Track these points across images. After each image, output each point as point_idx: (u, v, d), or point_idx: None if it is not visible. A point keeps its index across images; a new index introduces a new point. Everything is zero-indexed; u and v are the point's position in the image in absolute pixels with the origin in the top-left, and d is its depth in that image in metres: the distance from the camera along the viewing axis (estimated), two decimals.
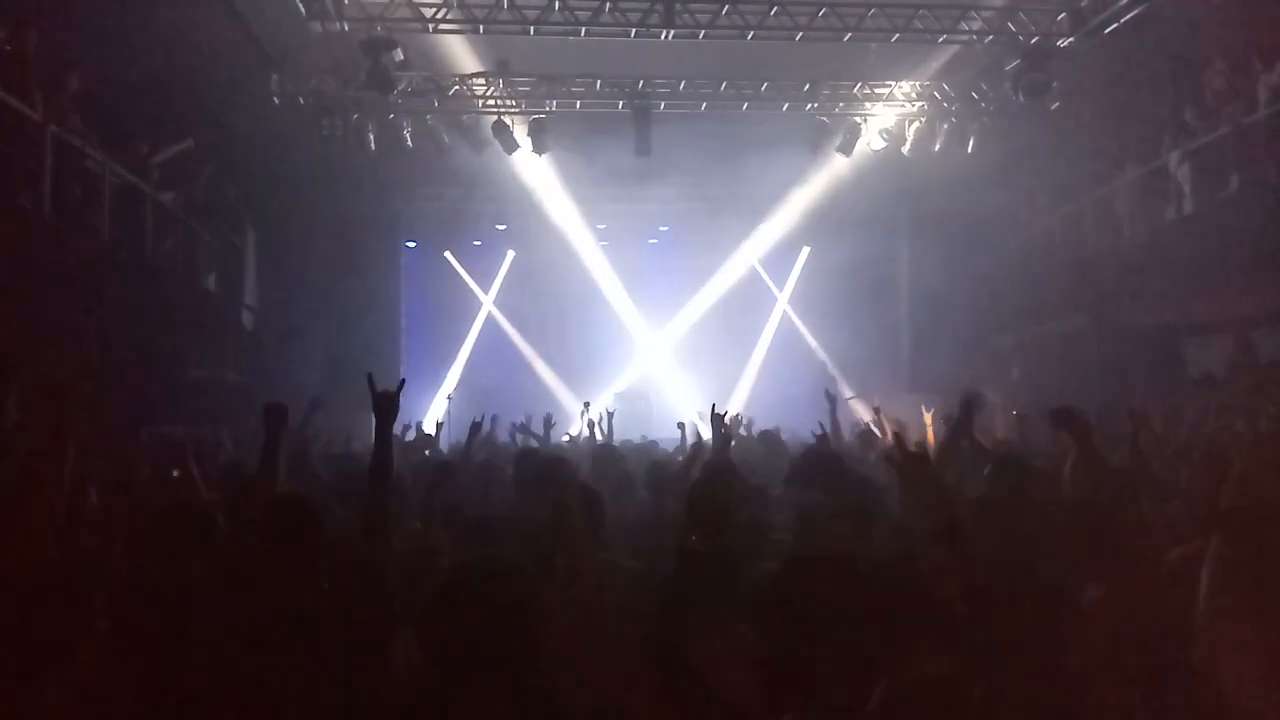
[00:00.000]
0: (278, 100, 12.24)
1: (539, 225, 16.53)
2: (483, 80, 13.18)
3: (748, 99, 13.64)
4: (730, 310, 18.48)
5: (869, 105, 13.81)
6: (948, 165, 13.99)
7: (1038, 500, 4.14)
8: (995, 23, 12.05)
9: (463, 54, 12.67)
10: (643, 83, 13.09)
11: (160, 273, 10.79)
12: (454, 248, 18.42)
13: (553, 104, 13.58)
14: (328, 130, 12.84)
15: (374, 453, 3.58)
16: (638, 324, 18.70)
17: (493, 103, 13.53)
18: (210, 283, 12.65)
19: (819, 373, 17.74)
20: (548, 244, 17.04)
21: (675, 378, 18.50)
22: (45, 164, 8.31)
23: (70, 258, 8.65)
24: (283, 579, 3.26)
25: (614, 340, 18.55)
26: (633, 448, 8.66)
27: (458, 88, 13.23)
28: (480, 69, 12.96)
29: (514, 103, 13.55)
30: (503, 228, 17.83)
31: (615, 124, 13.34)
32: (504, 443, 9.17)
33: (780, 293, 19.23)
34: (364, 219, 15.25)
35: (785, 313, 19.21)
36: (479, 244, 18.45)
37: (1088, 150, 13.65)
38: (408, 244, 17.54)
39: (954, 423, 5.33)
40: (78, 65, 9.47)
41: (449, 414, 13.82)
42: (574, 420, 9.49)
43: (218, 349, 12.50)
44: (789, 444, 8.44)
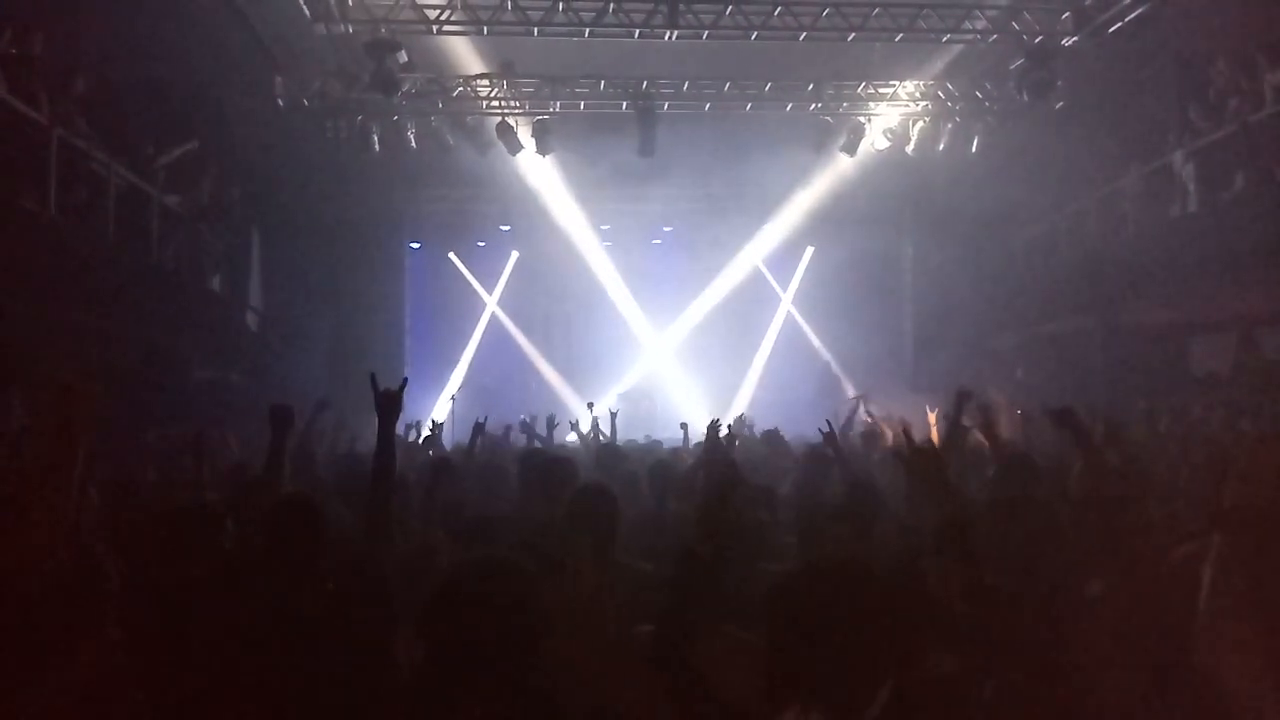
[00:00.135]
0: (282, 102, 12.28)
1: (543, 226, 16.53)
2: (487, 81, 13.20)
3: (752, 99, 13.64)
4: (734, 310, 18.46)
5: (873, 105, 13.81)
6: (952, 165, 13.98)
7: (1043, 500, 4.14)
8: (999, 22, 12.04)
9: (467, 55, 12.70)
10: (646, 83, 13.09)
11: (165, 275, 10.81)
12: (458, 248, 18.45)
13: (557, 105, 13.59)
14: (332, 132, 12.89)
15: (376, 453, 3.58)
16: (641, 324, 18.70)
17: (497, 104, 13.56)
18: (215, 284, 12.67)
19: (823, 372, 17.76)
20: (552, 244, 17.04)
21: (679, 378, 18.51)
22: (50, 167, 8.33)
23: (75, 260, 8.67)
24: (285, 579, 3.27)
25: (618, 340, 18.55)
26: (636, 447, 8.67)
27: (462, 89, 13.25)
28: (484, 70, 12.99)
29: (518, 104, 13.57)
30: (507, 228, 17.83)
31: (619, 124, 13.35)
32: (507, 440, 9.18)
33: (784, 293, 19.22)
34: (368, 220, 15.27)
35: (789, 312, 19.20)
36: (483, 245, 18.48)
37: (1092, 149, 13.62)
38: (412, 245, 17.55)
39: (949, 419, 5.34)
40: (83, 68, 9.50)
41: (453, 414, 13.84)
42: (580, 420, 9.50)
43: (223, 350, 12.53)
44: (792, 444, 8.45)
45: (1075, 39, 11.99)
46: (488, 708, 2.30)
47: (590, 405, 10.66)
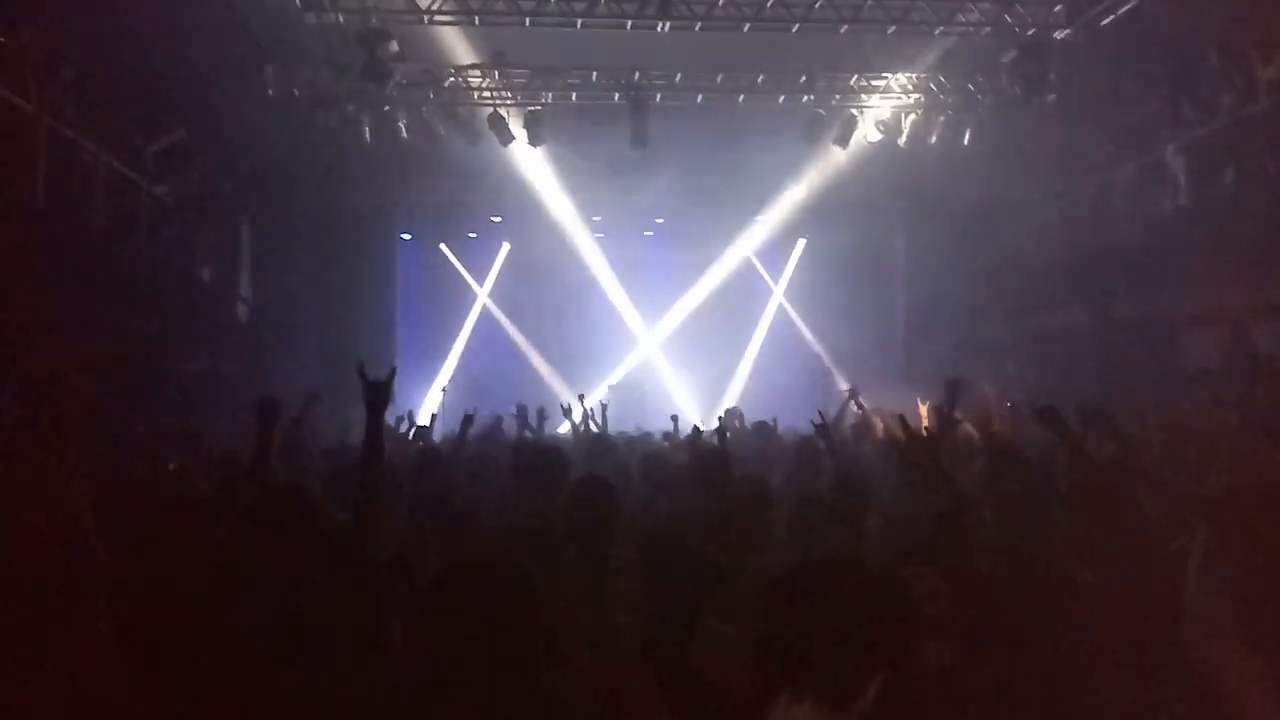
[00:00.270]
0: (272, 92, 12.18)
1: (534, 217, 16.49)
2: (478, 72, 13.14)
3: (744, 91, 13.60)
4: (726, 302, 18.47)
5: (865, 97, 13.78)
6: (944, 158, 13.97)
7: (1031, 491, 4.15)
8: (992, 14, 12.02)
9: (458, 46, 12.62)
10: (639, 74, 13.05)
11: (154, 265, 10.77)
12: (449, 240, 18.39)
13: (548, 96, 13.54)
14: (323, 122, 12.81)
15: (365, 443, 3.57)
16: (633, 316, 18.68)
17: (488, 94, 13.50)
18: (205, 275, 12.64)
19: (814, 364, 17.78)
20: (543, 236, 17.01)
21: (670, 369, 18.51)
22: (39, 156, 8.29)
23: (64, 250, 8.63)
24: (275, 571, 3.26)
25: (609, 332, 18.54)
26: (626, 439, 8.68)
27: (453, 79, 13.19)
28: (476, 61, 12.92)
29: (509, 94, 13.51)
30: (498, 220, 17.81)
31: (611, 116, 13.31)
32: (501, 430, 9.18)
33: (776, 285, 19.22)
34: (359, 211, 15.23)
35: (781, 304, 19.21)
36: (474, 236, 18.43)
37: (1084, 143, 13.65)
38: (403, 236, 17.51)
39: (939, 408, 5.36)
40: (72, 58, 9.43)
41: (444, 406, 13.83)
42: (572, 406, 9.48)
43: (212, 341, 12.49)
44: (783, 435, 8.47)
45: (1067, 32, 11.98)
46: (483, 701, 2.29)
47: (581, 397, 10.66)
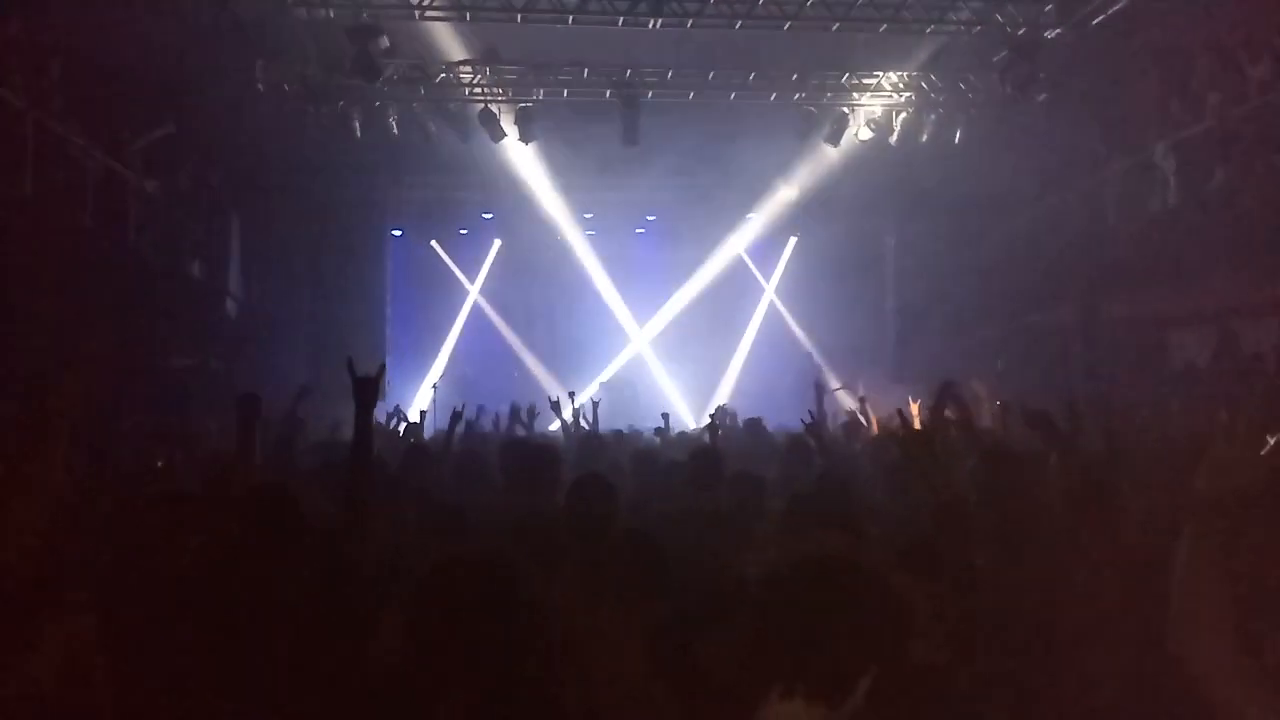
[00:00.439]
0: (262, 87, 12.14)
1: (526, 214, 16.48)
2: (469, 68, 13.12)
3: (735, 89, 13.62)
4: (717, 300, 18.49)
5: (857, 95, 13.82)
6: (935, 156, 14.01)
7: (1021, 489, 4.17)
8: (983, 13, 12.05)
9: (449, 41, 12.60)
10: (630, 72, 13.05)
11: (143, 260, 10.72)
12: (440, 236, 18.37)
13: (540, 92, 13.53)
14: (313, 118, 12.77)
15: (354, 439, 3.56)
16: (624, 313, 18.69)
17: (479, 91, 13.48)
18: (194, 270, 12.58)
19: (805, 362, 17.80)
20: (534, 233, 17.02)
21: (661, 367, 18.52)
22: (27, 151, 8.24)
23: (52, 245, 8.58)
24: (261, 567, 3.25)
25: (600, 329, 18.55)
26: (617, 437, 8.68)
27: (444, 75, 13.16)
28: (467, 57, 12.90)
29: (501, 91, 13.49)
30: (489, 216, 17.78)
31: (603, 113, 13.31)
32: (489, 431, 9.16)
33: (767, 283, 19.26)
34: (349, 207, 15.18)
35: (772, 302, 19.24)
36: (465, 232, 18.41)
37: (1074, 142, 13.68)
38: (393, 232, 17.46)
39: (931, 409, 5.39)
40: (60, 51, 9.37)
41: (434, 403, 13.81)
42: (562, 402, 9.48)
43: (201, 337, 12.42)
44: (774, 433, 8.49)
45: (1058, 31, 12.03)
46: (474, 698, 2.29)
47: (572, 394, 10.67)
